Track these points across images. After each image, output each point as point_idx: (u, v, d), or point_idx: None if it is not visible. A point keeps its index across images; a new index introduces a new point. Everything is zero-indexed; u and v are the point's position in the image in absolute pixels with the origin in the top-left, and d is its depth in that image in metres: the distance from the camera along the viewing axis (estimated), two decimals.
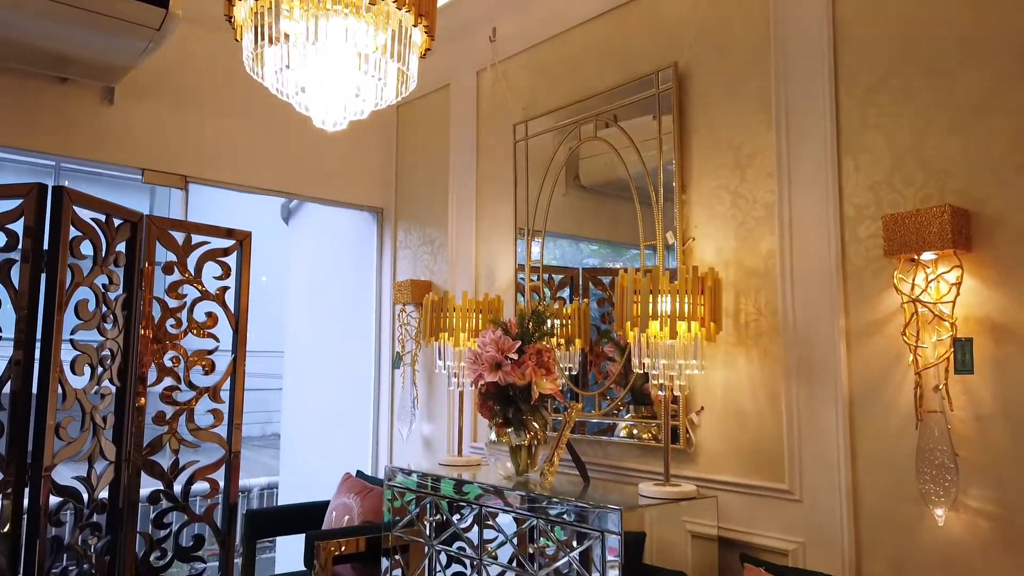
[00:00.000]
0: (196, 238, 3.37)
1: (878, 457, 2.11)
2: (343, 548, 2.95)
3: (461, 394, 3.29)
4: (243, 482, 6.21)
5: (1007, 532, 1.86)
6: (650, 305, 2.37)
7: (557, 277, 3.26)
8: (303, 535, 3.03)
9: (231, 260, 3.47)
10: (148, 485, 3.21)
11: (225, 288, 3.44)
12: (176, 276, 3.32)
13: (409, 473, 2.92)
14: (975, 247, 1.95)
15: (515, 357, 2.63)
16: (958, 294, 1.94)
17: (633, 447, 2.81)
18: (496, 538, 2.56)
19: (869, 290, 2.16)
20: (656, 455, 2.66)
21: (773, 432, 2.37)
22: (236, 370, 3.44)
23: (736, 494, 2.44)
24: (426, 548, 2.79)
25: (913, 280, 2.00)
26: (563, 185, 3.26)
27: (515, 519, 2.48)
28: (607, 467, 2.86)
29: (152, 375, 3.20)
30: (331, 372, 4.72)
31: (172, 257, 3.30)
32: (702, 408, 2.58)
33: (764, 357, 2.42)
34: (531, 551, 2.40)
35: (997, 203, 1.93)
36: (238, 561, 3.46)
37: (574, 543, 2.27)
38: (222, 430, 3.40)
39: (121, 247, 3.11)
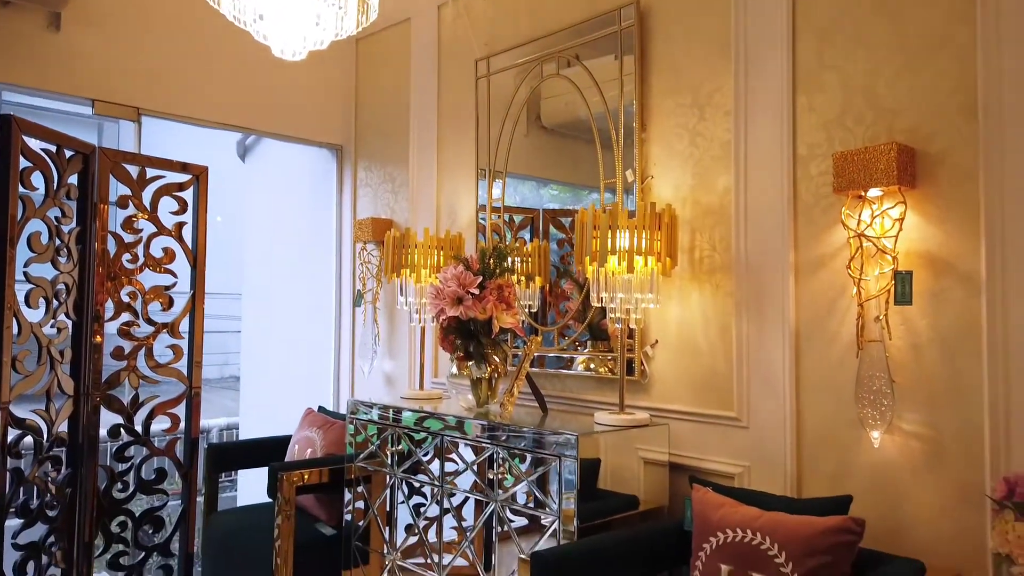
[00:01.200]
0: (151, 172, 3.30)
1: (820, 385, 2.22)
2: (306, 479, 3.00)
3: (422, 330, 3.33)
4: (203, 423, 6.21)
5: (936, 452, 1.99)
6: (609, 240, 2.43)
7: (518, 218, 3.29)
8: (265, 469, 3.07)
9: (187, 195, 3.42)
10: (109, 421, 3.22)
11: (182, 224, 3.40)
12: (131, 211, 3.27)
13: (371, 406, 2.98)
14: (919, 184, 2.03)
15: (476, 292, 2.68)
16: (901, 229, 2.03)
17: (590, 380, 2.90)
18: (457, 473, 2.64)
19: (818, 226, 2.24)
20: (612, 387, 2.75)
21: (724, 363, 2.47)
22: (195, 307, 3.42)
23: (687, 422, 2.55)
24: (388, 478, 2.87)
25: (859, 216, 2.08)
26: (525, 125, 3.26)
27: (475, 448, 2.56)
28: (565, 399, 2.96)
29: (109, 311, 3.17)
30: (291, 312, 4.72)
31: (126, 191, 3.24)
32: (656, 341, 2.67)
33: (717, 292, 2.50)
34: (491, 478, 2.49)
35: (941, 141, 2.01)
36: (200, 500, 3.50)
37: (532, 469, 2.36)
38: (182, 366, 3.40)
39: (73, 179, 3.04)
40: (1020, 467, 1.79)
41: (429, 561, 2.69)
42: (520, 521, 2.46)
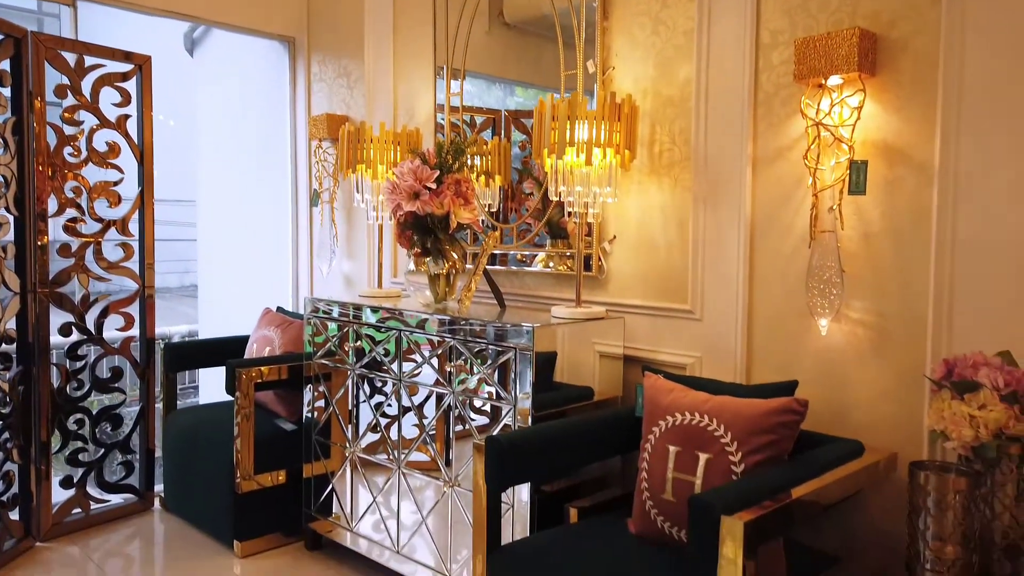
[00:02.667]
0: (90, 60, 3.14)
1: (773, 276, 2.25)
2: (265, 375, 3.00)
3: (380, 228, 3.28)
4: (162, 330, 6.15)
5: (880, 339, 2.04)
6: (568, 132, 2.38)
7: (480, 119, 3.20)
8: (224, 373, 3.06)
9: (131, 86, 3.27)
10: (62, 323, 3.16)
11: (126, 116, 3.26)
12: (71, 101, 3.11)
13: (330, 304, 2.96)
14: (879, 71, 2.01)
15: (433, 187, 2.63)
16: (859, 118, 2.01)
17: (549, 277, 2.90)
18: (416, 366, 2.65)
19: (777, 117, 2.22)
20: (570, 284, 2.76)
21: (680, 258, 2.48)
22: (144, 204, 3.32)
23: (642, 316, 2.57)
24: (348, 375, 2.88)
25: (818, 105, 2.06)
26: (486, 21, 3.14)
27: (434, 343, 2.57)
28: (524, 297, 2.96)
29: (53, 207, 3.06)
30: (247, 215, 4.61)
31: (64, 80, 3.08)
32: (614, 237, 2.67)
33: (675, 186, 2.48)
34: (449, 371, 2.51)
35: (904, 27, 1.97)
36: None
37: (489, 362, 2.38)
38: (133, 265, 3.33)
39: (5, 65, 2.87)
40: (960, 352, 1.84)
41: (391, 457, 2.73)
42: (481, 420, 2.49)
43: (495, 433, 2.18)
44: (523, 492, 2.29)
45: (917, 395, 1.97)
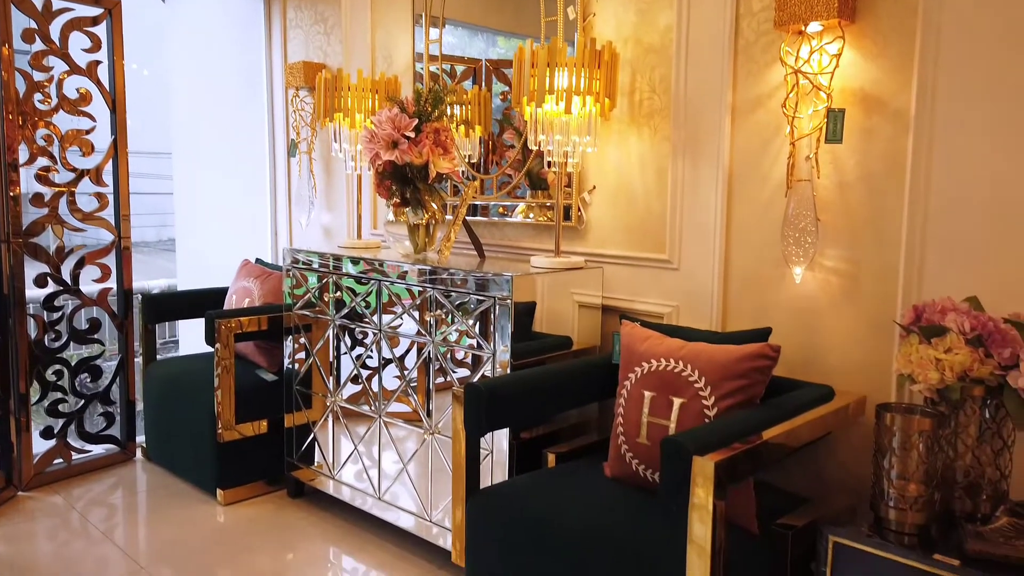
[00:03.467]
0: (57, 3, 3.05)
1: (750, 225, 2.26)
2: (244, 326, 3.00)
3: (359, 178, 3.26)
4: (141, 283, 6.10)
5: (853, 286, 2.07)
6: (547, 80, 2.36)
7: (460, 68, 3.15)
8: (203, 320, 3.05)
9: (101, 32, 3.19)
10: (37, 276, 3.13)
11: (96, 63, 3.19)
12: (39, 47, 3.03)
13: (308, 255, 2.94)
14: (859, 18, 2.00)
15: (412, 135, 2.60)
16: (837, 65, 2.01)
17: (528, 228, 2.90)
18: (395, 317, 2.66)
19: (757, 64, 2.21)
20: (550, 235, 2.76)
21: (658, 207, 2.49)
22: (118, 153, 3.27)
23: (621, 266, 2.59)
24: (328, 325, 2.88)
25: (798, 52, 2.05)
26: None
27: (413, 293, 2.57)
28: (504, 247, 2.97)
29: (24, 155, 3.00)
30: (224, 167, 4.54)
31: (32, 24, 3.00)
32: (594, 187, 2.67)
33: (655, 136, 2.48)
34: (429, 321, 2.52)
35: None
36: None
37: (469, 311, 2.39)
38: (108, 215, 3.29)
39: None
40: (930, 298, 1.88)
41: (372, 407, 2.75)
42: (462, 372, 2.51)
43: (474, 380, 2.20)
44: (502, 439, 2.33)
45: (887, 341, 2.01)
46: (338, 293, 2.83)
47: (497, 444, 2.34)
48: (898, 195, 1.97)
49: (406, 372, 2.64)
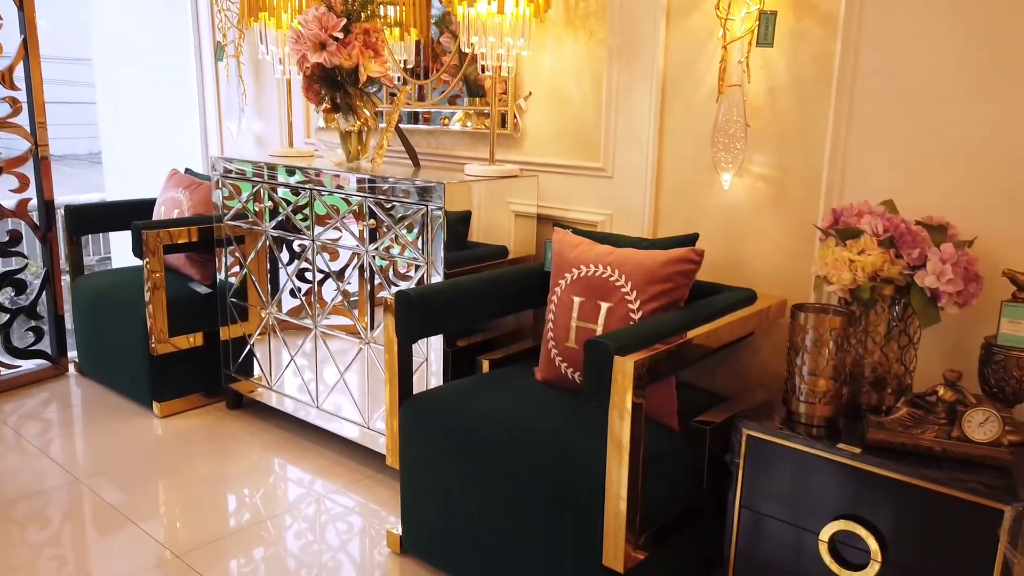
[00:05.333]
0: None
1: (682, 132, 2.26)
2: (173, 237, 2.92)
3: (288, 83, 3.14)
4: (70, 198, 5.87)
5: (779, 192, 2.10)
6: None
7: None
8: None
9: None
10: None
11: None
12: None
13: (238, 164, 2.85)
14: None
15: (340, 36, 2.50)
16: None
17: (465, 136, 2.85)
18: (328, 227, 2.61)
19: None
20: (487, 143, 2.72)
21: (593, 115, 2.46)
22: (29, 54, 3.08)
23: (557, 174, 2.58)
24: (260, 237, 2.82)
25: None
26: None
27: (346, 202, 2.53)
28: (440, 156, 2.92)
29: None
30: (149, 73, 4.32)
31: None
32: (530, 93, 2.62)
33: (591, 40, 2.43)
34: (363, 230, 2.49)
35: None
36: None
37: (402, 220, 2.36)
38: (23, 122, 3.12)
39: None
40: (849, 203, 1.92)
41: (311, 323, 2.73)
42: (404, 286, 2.49)
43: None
44: (437, 347, 2.35)
45: (809, 246, 2.06)
46: (270, 203, 2.76)
47: (433, 352, 2.36)
48: (825, 100, 1.98)
49: (343, 285, 2.62)
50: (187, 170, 3.43)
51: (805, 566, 1.64)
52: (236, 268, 2.95)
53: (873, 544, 1.53)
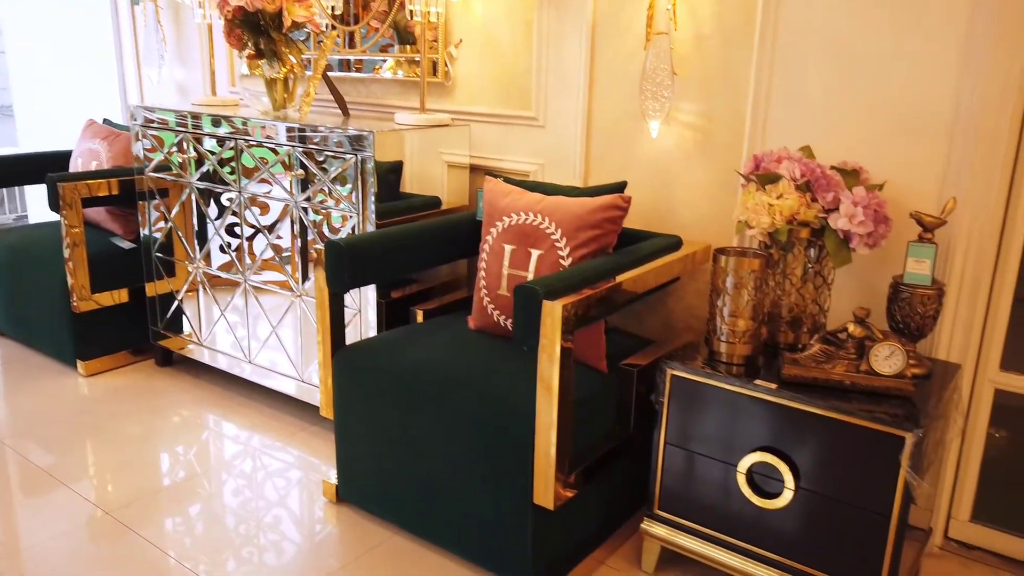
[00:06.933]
0: None
1: (612, 81, 2.27)
2: (93, 190, 2.81)
3: (210, 28, 3.02)
4: None
5: (705, 140, 2.15)
6: None
7: None
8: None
9: None
10: None
11: None
12: None
13: (159, 113, 2.74)
14: None
15: None
16: None
17: (396, 84, 2.80)
18: (255, 178, 2.55)
19: None
20: (418, 92, 2.68)
21: (525, 63, 2.45)
22: None
23: (489, 124, 2.57)
24: (186, 188, 2.74)
25: None
26: None
27: (274, 151, 2.47)
28: (371, 105, 2.87)
29: None
30: (61, 17, 4.08)
31: None
32: (460, 41, 2.58)
33: None
34: (291, 181, 2.44)
35: None
36: None
37: (332, 171, 2.32)
38: None
39: None
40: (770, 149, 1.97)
41: (241, 278, 2.68)
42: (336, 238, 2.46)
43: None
44: (371, 298, 2.34)
45: (732, 193, 2.11)
46: (193, 154, 2.68)
47: (366, 303, 2.35)
48: (749, 49, 2.01)
49: (275, 238, 2.57)
50: (105, 120, 3.28)
51: (726, 497, 1.73)
52: (161, 223, 2.86)
53: (787, 474, 1.62)
